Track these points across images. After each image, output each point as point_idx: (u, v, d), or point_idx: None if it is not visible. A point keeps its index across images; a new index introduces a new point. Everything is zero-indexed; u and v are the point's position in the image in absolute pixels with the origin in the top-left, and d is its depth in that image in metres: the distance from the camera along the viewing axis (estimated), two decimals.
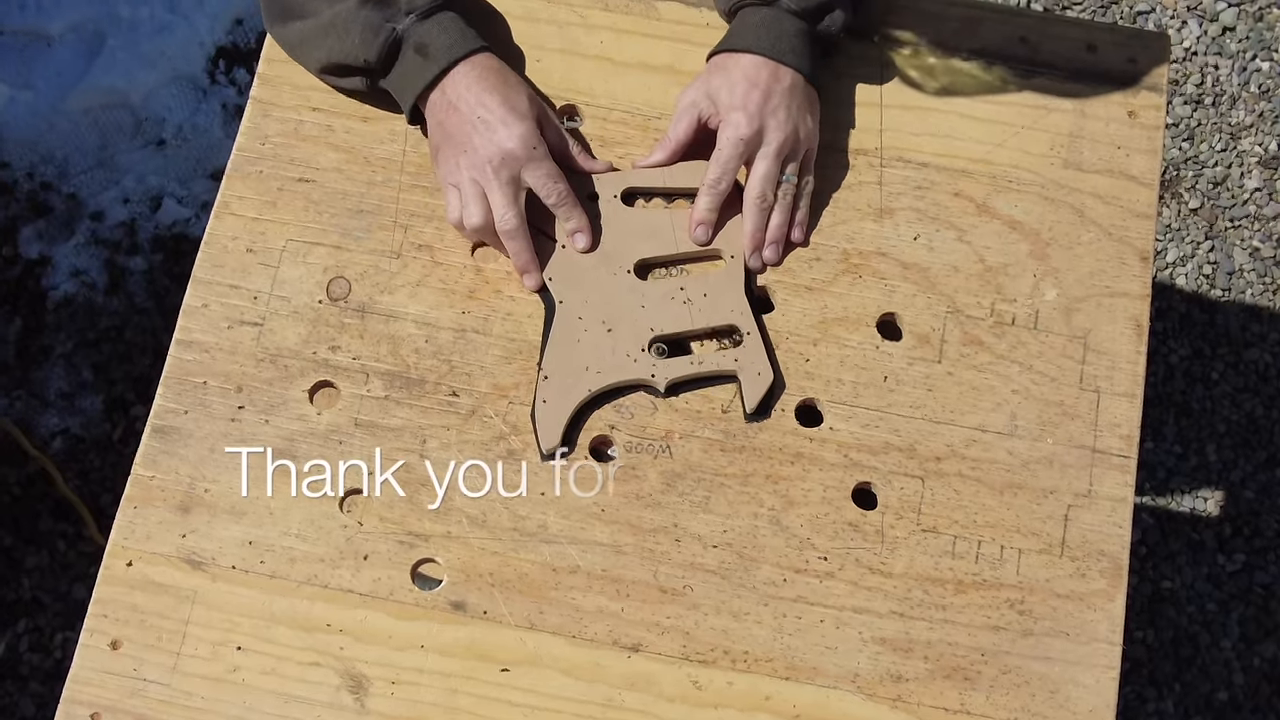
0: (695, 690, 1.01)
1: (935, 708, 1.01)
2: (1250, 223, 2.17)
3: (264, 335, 1.08)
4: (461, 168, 1.07)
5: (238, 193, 1.12)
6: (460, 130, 1.06)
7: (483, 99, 1.06)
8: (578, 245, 1.10)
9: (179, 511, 1.03)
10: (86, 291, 2.01)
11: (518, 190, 1.07)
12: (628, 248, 1.11)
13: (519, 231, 1.08)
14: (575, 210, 1.10)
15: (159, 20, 2.14)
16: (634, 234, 1.11)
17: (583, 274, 1.10)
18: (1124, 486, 1.07)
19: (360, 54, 1.07)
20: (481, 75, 1.07)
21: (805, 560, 1.04)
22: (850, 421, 1.07)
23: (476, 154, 1.06)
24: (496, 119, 1.06)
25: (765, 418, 1.07)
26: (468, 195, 1.08)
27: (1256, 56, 2.26)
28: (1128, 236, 1.13)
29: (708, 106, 1.10)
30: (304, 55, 1.13)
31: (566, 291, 1.09)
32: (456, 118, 1.07)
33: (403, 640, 1.01)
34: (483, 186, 1.07)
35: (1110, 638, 1.03)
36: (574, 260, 1.10)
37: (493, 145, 1.06)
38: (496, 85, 1.07)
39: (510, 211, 1.07)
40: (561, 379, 1.06)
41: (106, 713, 0.99)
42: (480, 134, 1.06)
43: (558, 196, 1.09)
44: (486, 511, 1.04)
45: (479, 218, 1.08)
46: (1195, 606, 1.98)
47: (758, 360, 1.07)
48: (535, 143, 1.07)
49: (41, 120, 2.08)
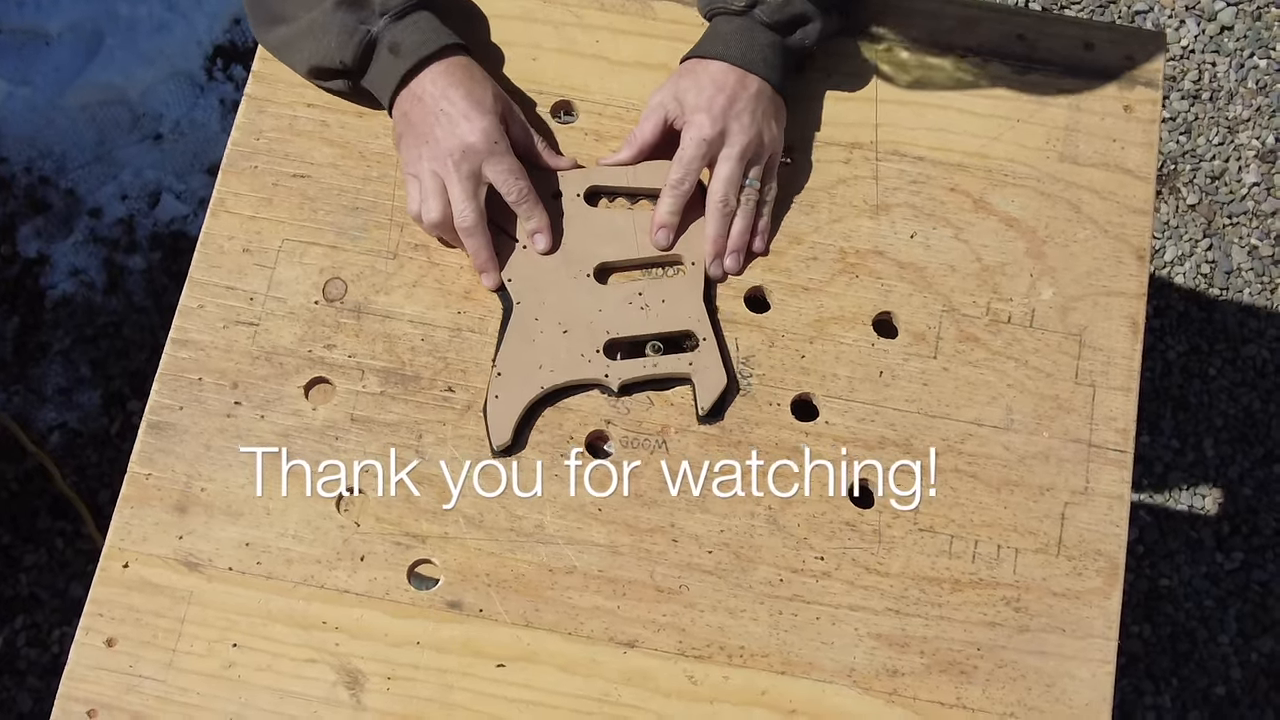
0: (691, 685, 1.01)
1: (931, 702, 1.01)
2: (1248, 219, 2.17)
3: (260, 334, 1.08)
4: (423, 159, 1.07)
5: (233, 189, 1.12)
6: (423, 121, 1.07)
7: (447, 92, 1.06)
8: (538, 246, 1.10)
9: (175, 512, 1.03)
10: (85, 290, 2.01)
11: (478, 185, 1.07)
12: (588, 250, 1.10)
13: (477, 229, 1.07)
14: (536, 209, 1.09)
15: (157, 19, 2.14)
16: (596, 236, 1.11)
17: (542, 276, 1.09)
18: (1120, 483, 1.07)
19: (337, 56, 1.08)
20: (448, 70, 1.07)
21: (802, 560, 1.04)
22: (846, 415, 1.07)
23: (438, 145, 1.06)
24: (459, 112, 1.06)
25: (719, 419, 1.07)
26: (427, 189, 1.07)
27: (1254, 54, 2.26)
28: (1124, 234, 1.13)
29: (675, 108, 1.11)
30: (290, 59, 1.13)
31: (525, 293, 1.09)
32: (420, 109, 1.07)
33: (399, 637, 1.01)
34: (443, 179, 1.07)
35: (1106, 633, 1.03)
36: (534, 261, 1.10)
37: (454, 138, 1.06)
38: (462, 80, 1.07)
39: (469, 207, 1.07)
40: (514, 376, 1.06)
41: (103, 709, 0.99)
42: (442, 126, 1.06)
43: (519, 194, 1.08)
44: (484, 512, 1.04)
45: (436, 213, 1.07)
46: (1193, 602, 1.98)
47: (711, 364, 1.07)
48: (497, 138, 1.07)
49: (40, 116, 2.08)
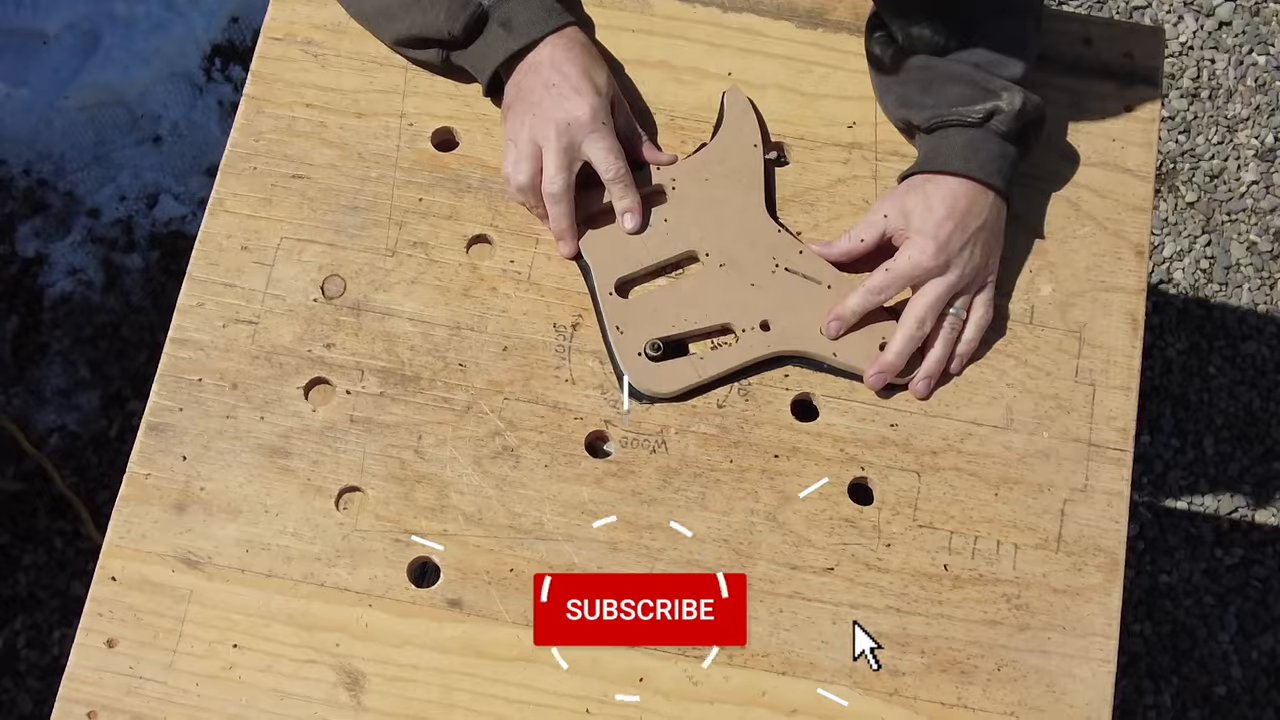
0: (691, 686, 1.01)
1: (932, 702, 1.01)
2: (1247, 216, 2.17)
3: (259, 333, 1.08)
4: (525, 125, 1.07)
5: (232, 190, 1.12)
6: (534, 91, 1.07)
7: (562, 66, 1.06)
8: (627, 225, 1.10)
9: (175, 510, 1.03)
10: (83, 290, 2.01)
11: (573, 159, 1.07)
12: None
13: (563, 196, 1.08)
14: (630, 190, 1.09)
15: (155, 18, 2.14)
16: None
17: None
18: (1120, 481, 1.07)
19: (445, 26, 1.08)
20: (569, 45, 1.07)
21: (802, 557, 1.04)
22: (846, 415, 1.07)
23: (544, 115, 1.06)
24: (570, 86, 1.06)
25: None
26: (522, 153, 1.07)
27: (1253, 51, 2.25)
28: (1123, 231, 1.13)
29: (899, 223, 1.07)
30: (380, 27, 1.13)
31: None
32: (534, 78, 1.07)
33: (399, 637, 1.01)
34: (540, 147, 1.07)
35: (1106, 631, 1.03)
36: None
37: (561, 110, 1.06)
38: (580, 56, 1.07)
39: (560, 176, 1.07)
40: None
41: (103, 711, 0.99)
42: (551, 97, 1.06)
43: (615, 172, 1.08)
44: (483, 509, 1.04)
45: (525, 176, 1.08)
46: (1193, 600, 1.98)
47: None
48: (604, 118, 1.07)
49: (38, 117, 2.08)
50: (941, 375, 1.08)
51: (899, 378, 1.07)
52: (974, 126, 1.06)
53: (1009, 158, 1.07)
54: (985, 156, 1.06)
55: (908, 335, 1.06)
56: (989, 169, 1.06)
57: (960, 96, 1.07)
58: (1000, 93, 1.06)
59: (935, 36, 1.07)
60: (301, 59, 1.16)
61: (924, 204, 1.06)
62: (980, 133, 1.06)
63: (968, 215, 1.05)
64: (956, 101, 1.07)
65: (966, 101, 1.06)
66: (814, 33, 1.18)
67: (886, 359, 1.06)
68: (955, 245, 1.05)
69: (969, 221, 1.05)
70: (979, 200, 1.06)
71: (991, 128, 1.06)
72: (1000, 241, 1.09)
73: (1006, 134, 1.06)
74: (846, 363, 1.07)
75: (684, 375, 1.07)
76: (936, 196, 1.06)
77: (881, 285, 1.06)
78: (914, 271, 1.06)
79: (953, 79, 1.07)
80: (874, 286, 1.06)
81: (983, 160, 1.06)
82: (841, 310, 1.07)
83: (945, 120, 1.08)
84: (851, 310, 1.07)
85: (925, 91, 1.09)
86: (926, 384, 1.07)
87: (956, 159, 1.06)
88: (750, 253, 1.10)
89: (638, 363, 1.07)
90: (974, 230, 1.06)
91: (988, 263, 1.08)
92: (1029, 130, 1.08)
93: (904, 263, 1.06)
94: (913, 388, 1.07)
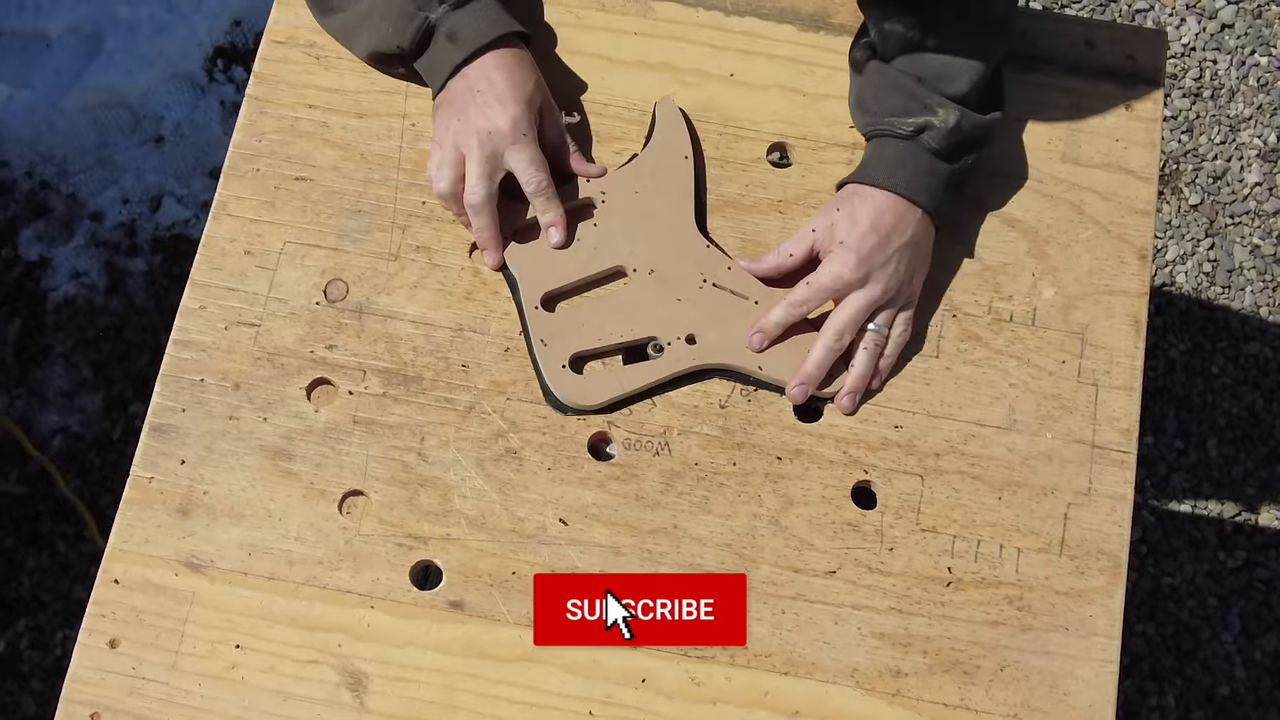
0: (694, 686, 1.01)
1: (934, 703, 1.01)
2: (1250, 219, 2.17)
3: (261, 335, 1.08)
4: (450, 130, 1.07)
5: (235, 193, 1.12)
6: (460, 97, 1.07)
7: (489, 75, 1.06)
8: (551, 240, 1.09)
9: (178, 514, 1.03)
10: (86, 293, 2.01)
11: (495, 168, 1.07)
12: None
13: (484, 207, 1.07)
14: (553, 203, 1.09)
15: (157, 21, 2.14)
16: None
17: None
18: (1124, 484, 1.06)
19: (394, 41, 1.08)
20: (498, 56, 1.07)
21: (804, 561, 1.04)
22: (849, 416, 1.07)
23: (468, 123, 1.06)
24: (494, 95, 1.06)
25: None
26: (445, 158, 1.07)
27: (1255, 52, 2.25)
28: (1126, 234, 1.13)
29: (825, 238, 1.06)
30: (351, 44, 1.14)
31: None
32: (461, 84, 1.07)
33: (401, 638, 1.01)
34: (463, 154, 1.07)
35: (1109, 632, 1.03)
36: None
37: (484, 119, 1.06)
38: (508, 65, 1.07)
39: (481, 185, 1.06)
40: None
41: (106, 712, 0.99)
42: (476, 105, 1.06)
43: (536, 185, 1.08)
44: (485, 513, 1.04)
45: (446, 183, 1.07)
46: (1196, 601, 1.98)
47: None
48: (525, 128, 1.06)
49: (40, 119, 2.08)
50: (866, 391, 1.08)
51: (821, 390, 1.07)
52: (904, 139, 1.06)
53: (940, 175, 1.06)
54: (913, 173, 1.05)
55: (826, 347, 1.06)
56: (915, 185, 1.05)
57: (897, 107, 1.07)
58: (936, 109, 1.05)
59: (909, 33, 1.06)
60: (304, 61, 1.16)
61: (849, 217, 1.06)
62: (910, 146, 1.06)
63: (892, 231, 1.05)
64: (893, 111, 1.07)
65: (901, 113, 1.06)
66: (816, 36, 1.18)
67: (806, 370, 1.06)
68: (877, 260, 1.05)
69: (893, 238, 1.05)
70: (905, 216, 1.06)
71: (922, 142, 1.05)
72: (926, 260, 1.09)
73: (938, 151, 1.05)
74: (772, 375, 1.07)
75: (608, 388, 1.07)
76: (862, 210, 1.05)
77: (803, 298, 1.06)
78: (834, 284, 1.05)
79: (895, 88, 1.07)
80: (796, 300, 1.06)
81: (909, 176, 1.05)
82: (764, 323, 1.07)
83: (879, 129, 1.08)
84: (774, 323, 1.07)
85: (873, 97, 1.09)
86: (851, 399, 1.07)
87: (883, 172, 1.06)
88: (678, 267, 1.09)
89: (561, 374, 1.06)
90: (897, 246, 1.05)
91: (911, 279, 1.07)
92: (962, 149, 1.06)
93: (825, 275, 1.06)
94: (838, 403, 1.07)
